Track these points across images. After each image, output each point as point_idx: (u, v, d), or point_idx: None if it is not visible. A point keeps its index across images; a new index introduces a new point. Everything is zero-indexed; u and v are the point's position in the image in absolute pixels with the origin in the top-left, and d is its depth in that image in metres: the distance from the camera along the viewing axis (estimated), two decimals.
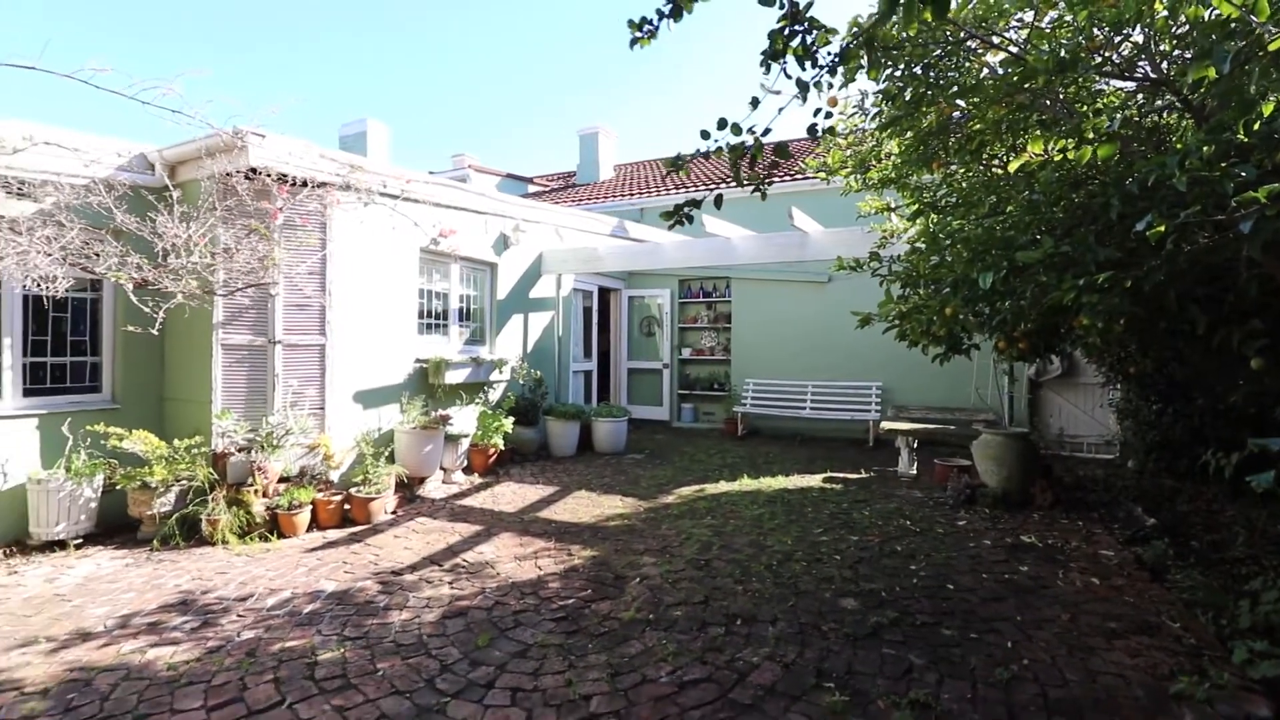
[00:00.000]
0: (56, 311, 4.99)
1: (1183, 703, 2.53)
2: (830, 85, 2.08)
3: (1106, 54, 2.86)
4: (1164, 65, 2.92)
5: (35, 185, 4.35)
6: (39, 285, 4.20)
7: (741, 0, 2.00)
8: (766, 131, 2.08)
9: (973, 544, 4.60)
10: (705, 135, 2.06)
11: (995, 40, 3.33)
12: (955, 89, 3.35)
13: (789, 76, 1.97)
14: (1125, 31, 2.80)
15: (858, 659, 2.95)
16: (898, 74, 3.16)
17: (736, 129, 2.03)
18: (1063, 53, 2.59)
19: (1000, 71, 3.22)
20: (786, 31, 1.89)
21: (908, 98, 3.37)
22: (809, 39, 1.88)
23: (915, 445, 7.15)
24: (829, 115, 2.35)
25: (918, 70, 3.10)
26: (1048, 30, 2.94)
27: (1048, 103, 3.20)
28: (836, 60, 1.99)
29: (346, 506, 5.17)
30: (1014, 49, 3.35)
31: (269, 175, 4.97)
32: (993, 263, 2.85)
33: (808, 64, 1.92)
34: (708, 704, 2.59)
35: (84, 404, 5.04)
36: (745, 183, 2.22)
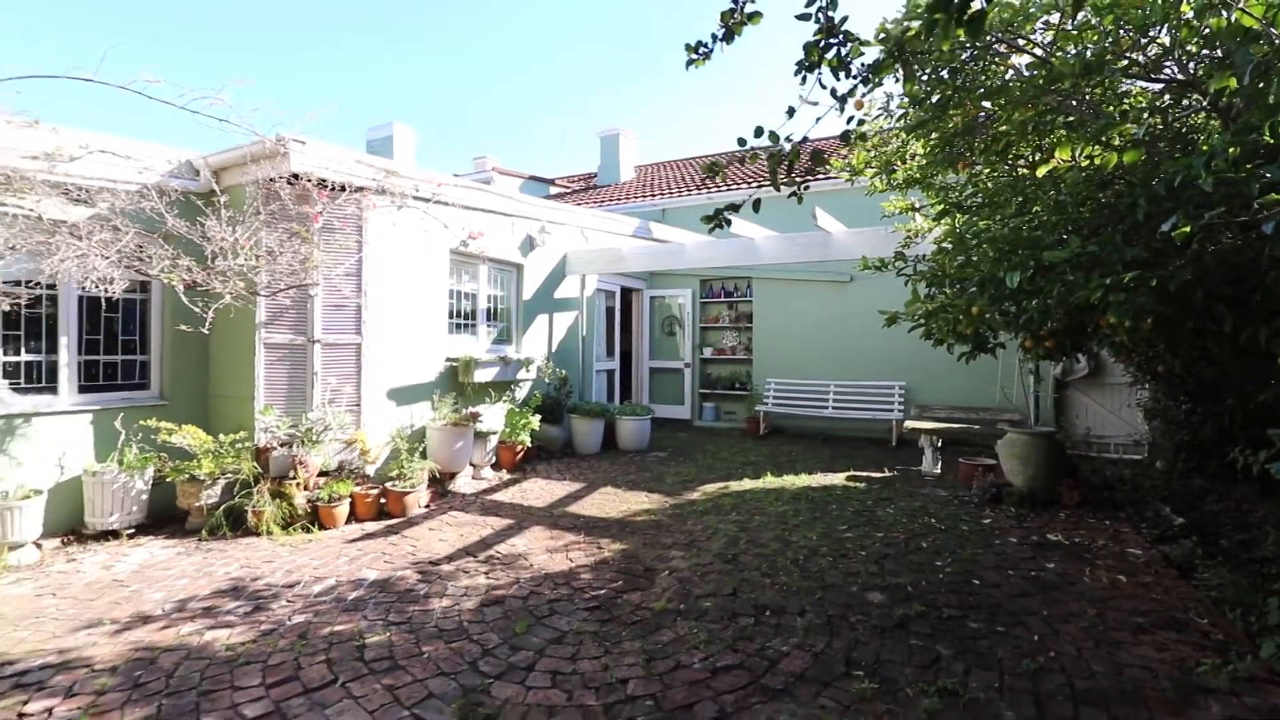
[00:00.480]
0: (108, 312, 5.22)
1: (1210, 695, 2.57)
2: (863, 93, 2.16)
3: (1133, 56, 2.90)
4: (1191, 66, 2.95)
5: (94, 192, 4.57)
6: (96, 286, 4.42)
7: (766, 5, 2.08)
8: (804, 140, 2.17)
9: (998, 541, 4.63)
10: (742, 143, 2.15)
11: (1021, 43, 3.38)
12: (981, 91, 3.41)
13: (824, 86, 2.07)
14: (1151, 33, 2.84)
15: (885, 649, 3.02)
16: (924, 77, 3.22)
17: (774, 137, 2.13)
18: (1089, 54, 2.64)
19: (1026, 73, 3.26)
20: (821, 44, 1.98)
21: (934, 100, 3.43)
22: (843, 51, 1.98)
23: (939, 445, 7.17)
24: (861, 122, 2.44)
25: (944, 74, 3.16)
26: (1074, 32, 2.98)
27: (1074, 103, 3.24)
28: (869, 72, 2.08)
29: (383, 500, 5.35)
30: (1040, 51, 3.40)
31: (309, 180, 5.16)
32: (1019, 262, 2.90)
33: (841, 74, 2.02)
34: (740, 689, 2.69)
35: (134, 400, 5.27)
36: (782, 187, 2.30)
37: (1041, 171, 2.79)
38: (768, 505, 5.64)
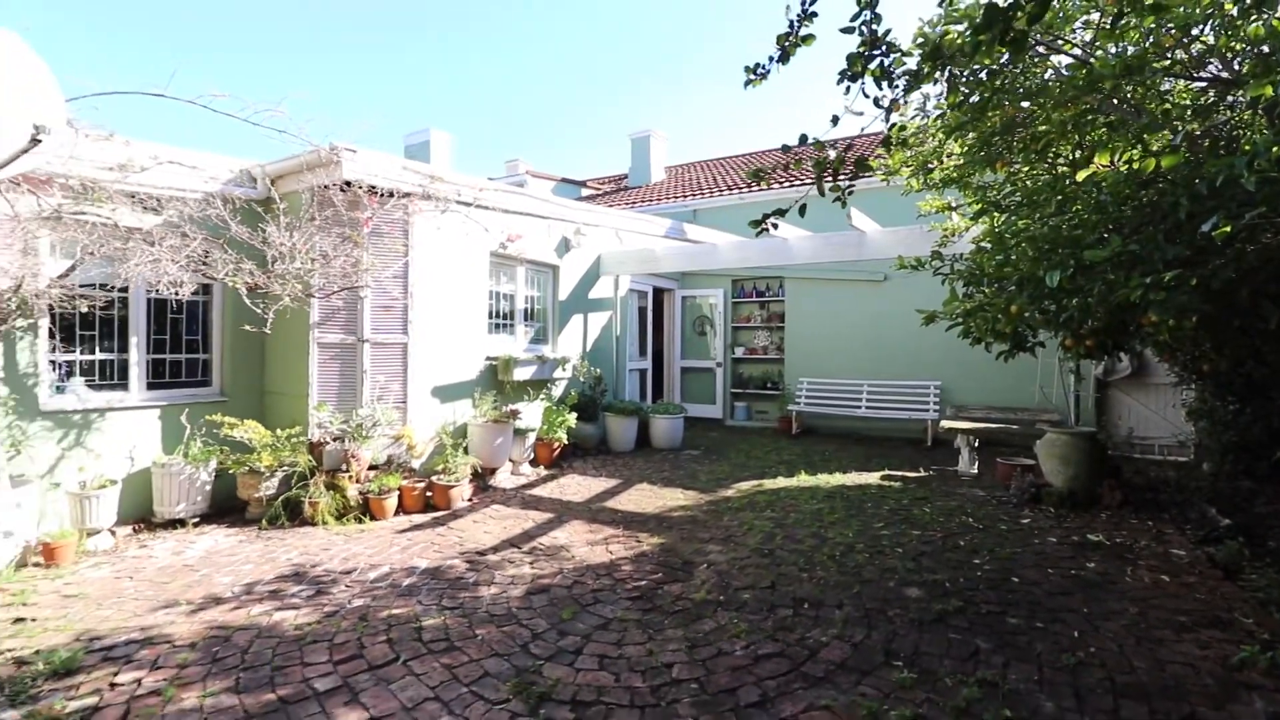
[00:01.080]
0: (174, 313, 5.54)
1: (1253, 690, 2.57)
2: (905, 101, 2.23)
3: (1175, 54, 2.90)
4: (1236, 63, 2.94)
5: (163, 200, 4.86)
6: (166, 289, 4.70)
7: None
8: (849, 146, 2.26)
9: (1037, 541, 4.62)
10: (787, 149, 2.25)
11: (1060, 43, 3.40)
12: (1021, 91, 3.43)
13: (866, 95, 2.15)
14: (1194, 32, 2.84)
15: (924, 641, 3.08)
16: (963, 79, 3.26)
17: (819, 144, 2.22)
18: (1129, 54, 2.67)
19: (1066, 73, 3.28)
20: (864, 55, 2.07)
21: (973, 101, 3.46)
22: (886, 61, 2.06)
23: (976, 445, 7.12)
24: (903, 128, 2.51)
25: (983, 76, 3.20)
26: (1114, 31, 2.99)
27: (1115, 101, 3.25)
28: (911, 80, 2.15)
29: (428, 493, 5.56)
30: (1079, 51, 3.41)
31: (360, 187, 5.40)
32: (1059, 261, 2.93)
33: (884, 84, 2.10)
34: (781, 675, 2.78)
35: (198, 396, 5.57)
36: (828, 193, 2.39)
37: (1081, 176, 2.81)
38: (802, 503, 5.70)
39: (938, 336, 8.42)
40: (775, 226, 2.37)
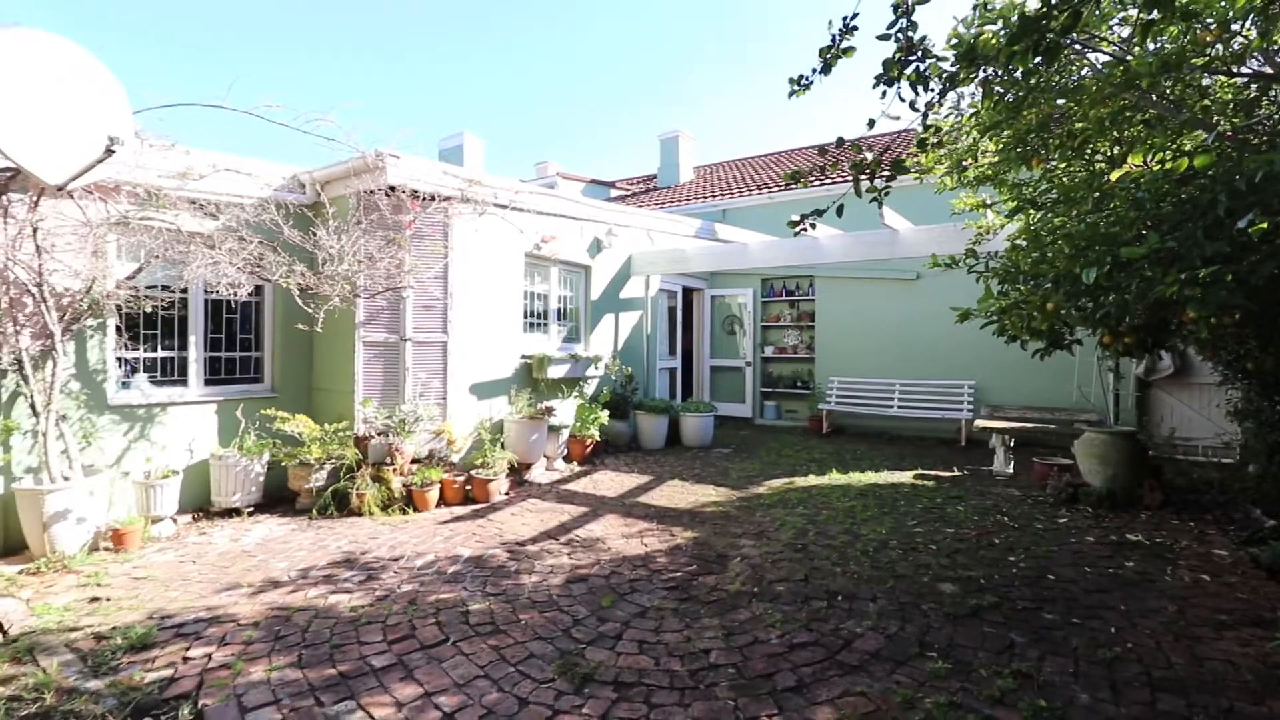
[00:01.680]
0: (228, 313, 5.82)
1: None
2: (941, 104, 2.29)
3: (1215, 50, 2.89)
4: (1279, 58, 2.92)
5: (221, 206, 5.13)
6: (226, 291, 4.96)
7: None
8: (885, 149, 2.33)
9: (1075, 540, 4.60)
10: (823, 151, 2.33)
11: (1098, 38, 3.40)
12: (1056, 88, 3.44)
13: (902, 99, 2.22)
14: (1234, 28, 2.83)
15: (959, 634, 3.12)
16: (997, 80, 3.29)
17: (856, 147, 2.30)
18: (1167, 51, 2.68)
19: (1103, 70, 3.29)
20: (900, 60, 2.14)
21: (1008, 99, 3.49)
22: (922, 66, 2.13)
23: (1012, 445, 7.06)
24: (937, 129, 2.56)
25: (1017, 75, 3.22)
26: (1147, 31, 2.98)
27: (1154, 97, 3.24)
28: (947, 84, 2.21)
29: (468, 486, 5.74)
30: (1117, 46, 3.41)
31: (403, 191, 5.61)
32: (1096, 258, 2.95)
33: (920, 88, 2.16)
34: (817, 663, 2.85)
35: (251, 392, 5.84)
36: (864, 193, 2.46)
37: (1115, 175, 2.83)
38: (834, 500, 5.74)
39: (972, 335, 8.35)
40: (813, 226, 2.45)
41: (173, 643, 3.12)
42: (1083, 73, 3.60)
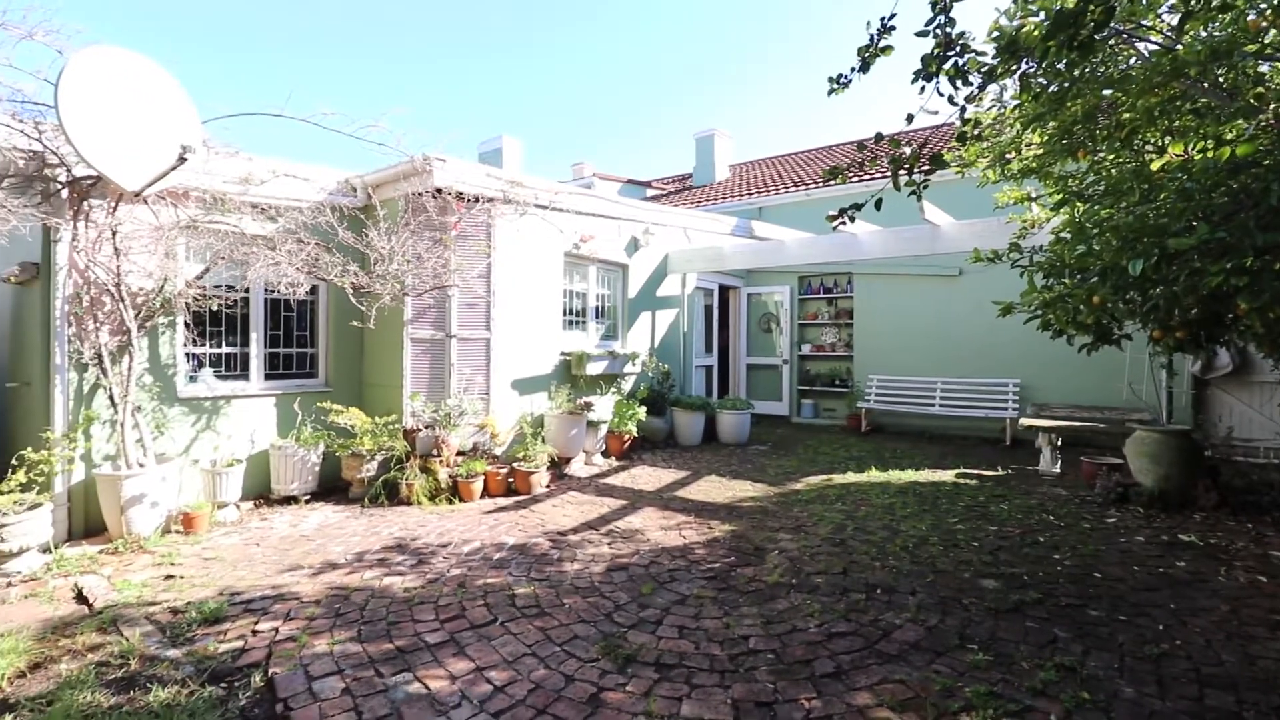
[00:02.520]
0: (286, 311, 6.11)
1: None
2: (981, 97, 2.31)
3: (1268, 37, 2.82)
4: None
5: (281, 210, 5.40)
6: (286, 290, 5.22)
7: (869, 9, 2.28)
8: (924, 143, 2.36)
9: (1123, 539, 4.50)
10: (861, 147, 2.37)
11: (1146, 25, 3.34)
12: (1102, 78, 3.39)
13: (941, 94, 2.25)
14: None
15: (1000, 628, 3.12)
16: (1040, 72, 3.26)
17: (895, 142, 2.34)
18: (1217, 39, 2.63)
19: (1151, 60, 3.23)
20: (939, 55, 2.17)
21: (1051, 90, 3.45)
22: (961, 61, 2.15)
23: (1059, 444, 6.90)
24: (977, 122, 2.58)
25: (1060, 67, 3.19)
26: (1199, 12, 2.91)
27: (1205, 85, 3.17)
28: (986, 77, 2.23)
29: (510, 479, 5.91)
30: (1167, 34, 3.34)
31: (449, 193, 5.81)
32: (1144, 250, 2.91)
33: (959, 82, 2.19)
34: (855, 652, 2.90)
35: (307, 387, 6.13)
36: (903, 187, 2.50)
37: (1156, 165, 2.79)
38: (873, 497, 5.72)
39: (1016, 333, 8.19)
40: (852, 220, 2.49)
41: (242, 617, 3.34)
42: (1130, 62, 3.54)
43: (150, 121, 4.46)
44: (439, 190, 5.79)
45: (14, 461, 4.27)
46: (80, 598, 3.65)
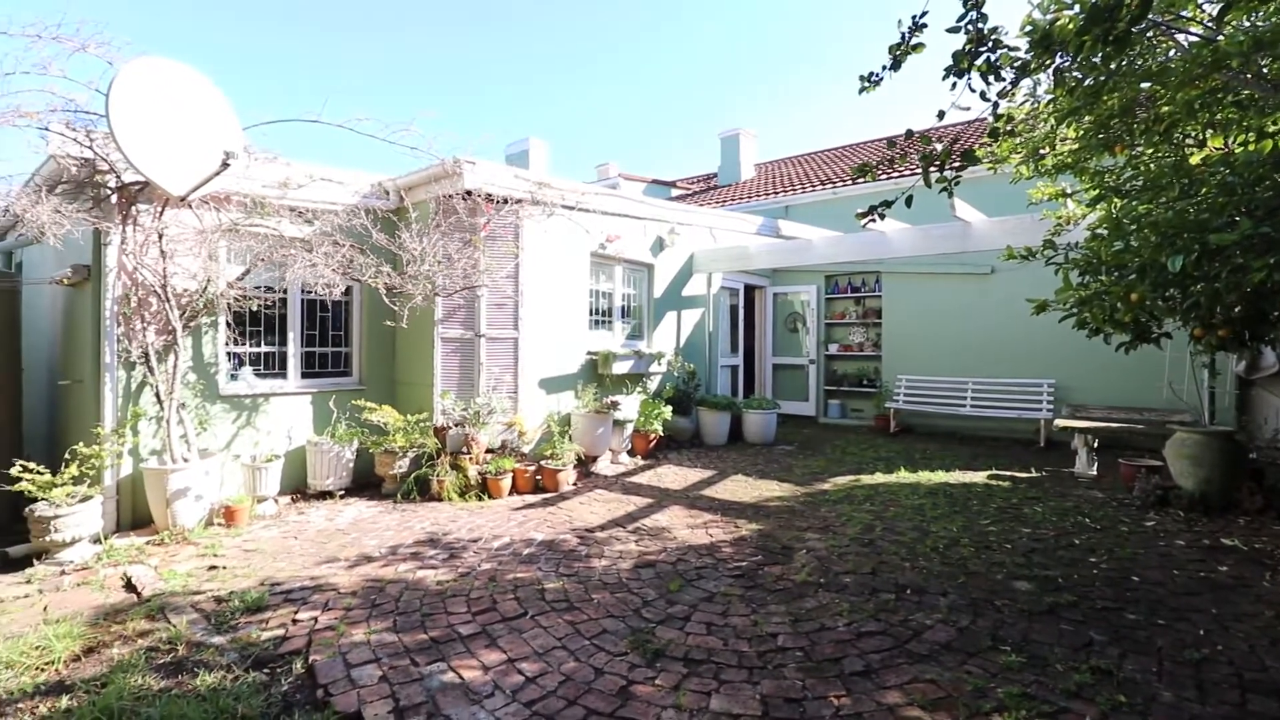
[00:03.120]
0: (321, 312, 6.27)
1: None
2: (1014, 92, 2.29)
3: None
4: None
5: (317, 213, 5.55)
6: (322, 291, 5.37)
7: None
8: (955, 139, 2.35)
9: (1163, 543, 4.39)
10: (891, 144, 2.37)
11: (1185, 19, 3.26)
12: (1139, 71, 3.32)
13: (973, 90, 2.23)
14: None
15: (1034, 630, 3.07)
16: (1075, 66, 3.21)
17: (925, 139, 2.33)
18: (1261, 28, 2.56)
19: (1191, 52, 3.15)
20: (970, 51, 2.15)
21: (1087, 84, 3.38)
22: (993, 57, 2.13)
23: (1095, 446, 6.75)
24: (1010, 118, 2.55)
25: (1096, 60, 3.13)
26: (1241, 2, 2.83)
27: (1249, 77, 3.09)
28: (1019, 72, 2.21)
29: (538, 476, 5.99)
30: (1207, 24, 3.26)
31: (479, 195, 5.91)
32: (1184, 246, 2.84)
33: (991, 78, 2.17)
34: (885, 651, 2.88)
35: (341, 385, 6.29)
36: (934, 184, 2.48)
37: (1195, 159, 2.72)
38: (903, 498, 5.66)
39: (1051, 332, 8.01)
40: (882, 217, 2.49)
41: (282, 607, 3.45)
42: (1169, 54, 3.46)
43: (194, 128, 4.62)
44: (469, 192, 5.89)
45: (66, 456, 4.46)
46: (129, 586, 3.81)
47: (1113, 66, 3.06)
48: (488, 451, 6.00)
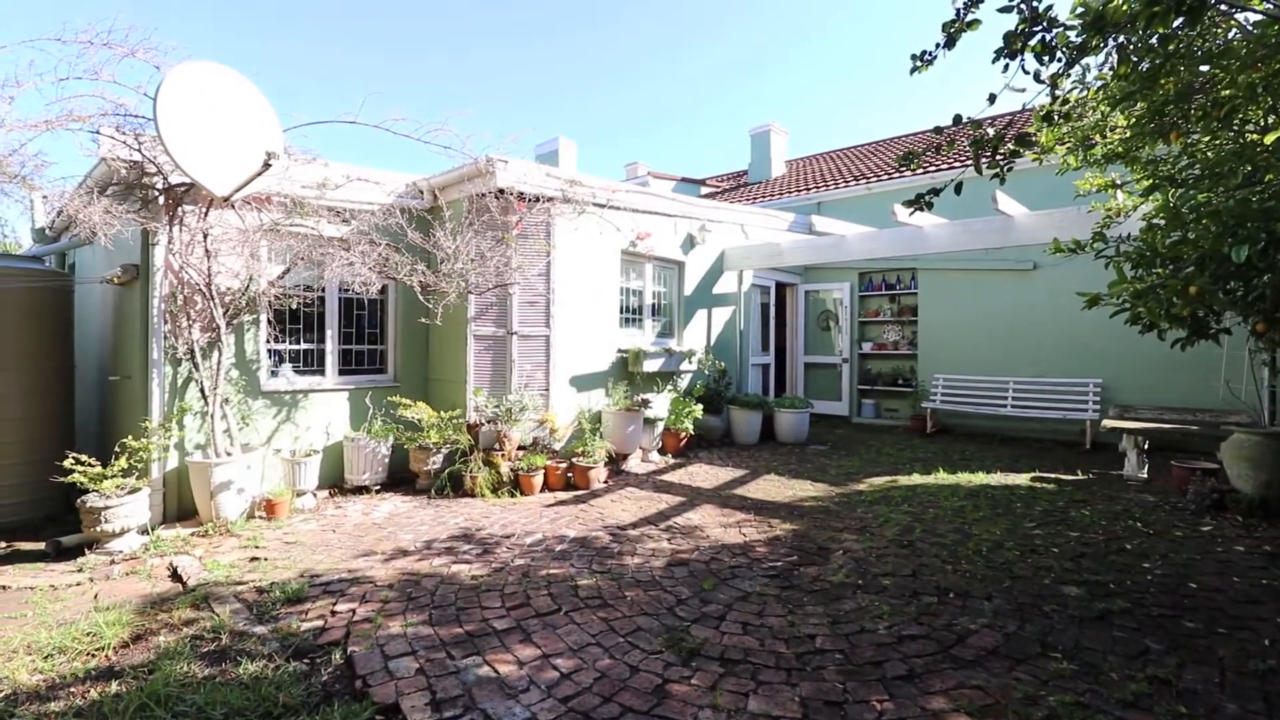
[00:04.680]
0: (358, 310, 6.38)
1: None
2: (1066, 75, 2.19)
3: None
4: None
5: (355, 213, 5.64)
6: (360, 289, 5.45)
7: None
8: (1009, 123, 2.26)
9: (1221, 549, 4.19)
10: (939, 130, 2.29)
11: None
12: (1199, 54, 3.16)
13: (1026, 72, 2.14)
14: None
15: (1085, 637, 2.95)
16: (1131, 48, 3.07)
17: (975, 124, 2.24)
18: None
19: (1255, 32, 2.99)
20: (1023, 32, 2.06)
21: (1143, 68, 3.24)
22: (1048, 36, 2.04)
23: (1145, 447, 6.48)
24: (1065, 101, 2.45)
25: (1153, 41, 2.99)
26: None
27: None
28: (1075, 53, 2.11)
29: (569, 473, 6.00)
30: (1273, 3, 3.09)
31: (511, 194, 5.94)
32: (1248, 235, 2.70)
33: (1046, 59, 2.08)
34: (929, 655, 2.80)
35: (376, 382, 6.38)
36: (984, 170, 2.40)
37: (1270, 139, 2.57)
38: (942, 500, 5.51)
39: (1097, 330, 7.74)
40: (930, 206, 2.41)
41: (321, 598, 3.50)
42: (1230, 35, 3.29)
43: (236, 130, 4.73)
44: (501, 191, 5.92)
45: (116, 449, 4.61)
46: (175, 576, 3.92)
47: (1170, 48, 2.92)
48: (520, 448, 6.02)
